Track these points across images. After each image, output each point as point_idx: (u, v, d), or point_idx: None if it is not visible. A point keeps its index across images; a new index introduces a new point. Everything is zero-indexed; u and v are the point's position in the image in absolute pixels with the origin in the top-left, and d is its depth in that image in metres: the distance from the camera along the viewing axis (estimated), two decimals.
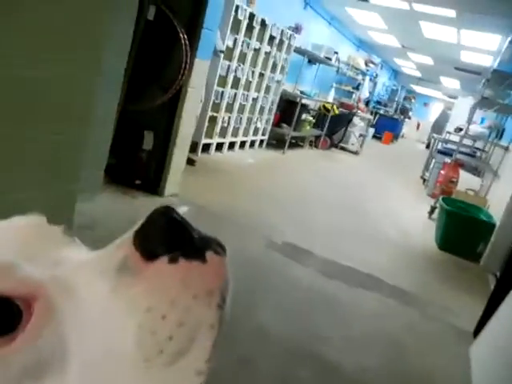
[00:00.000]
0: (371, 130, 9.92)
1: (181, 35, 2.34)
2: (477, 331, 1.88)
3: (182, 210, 2.50)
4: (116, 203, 2.35)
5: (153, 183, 2.62)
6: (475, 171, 5.05)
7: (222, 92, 3.96)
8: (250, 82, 4.44)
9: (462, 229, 3.13)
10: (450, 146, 5.38)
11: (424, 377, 1.57)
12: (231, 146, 4.53)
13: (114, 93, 2.06)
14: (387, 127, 10.82)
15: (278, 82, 5.08)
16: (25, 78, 1.16)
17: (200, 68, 2.54)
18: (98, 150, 2.07)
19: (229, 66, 3.92)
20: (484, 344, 1.73)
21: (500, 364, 1.52)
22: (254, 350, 1.42)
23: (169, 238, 0.21)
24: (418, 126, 15.10)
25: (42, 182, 1.28)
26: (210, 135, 4.03)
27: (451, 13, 5.03)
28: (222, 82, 3.92)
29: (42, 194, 1.26)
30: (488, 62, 6.91)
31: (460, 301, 2.34)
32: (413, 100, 14.89)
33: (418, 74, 12.51)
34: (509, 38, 4.96)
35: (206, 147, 4.06)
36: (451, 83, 11.52)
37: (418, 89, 14.79)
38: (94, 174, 2.12)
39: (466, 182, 4.31)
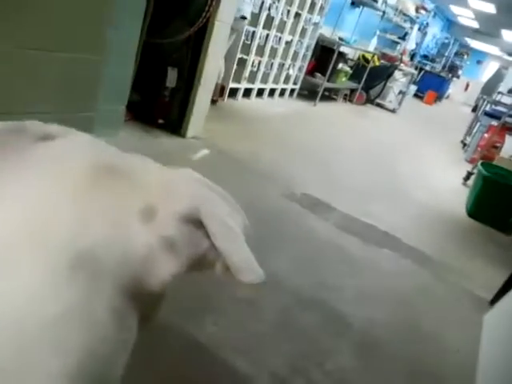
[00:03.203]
0: (413, 88, 9.21)
1: None
2: (494, 300, 1.80)
3: (203, 152, 2.46)
4: (138, 142, 2.33)
5: (175, 124, 2.57)
6: None
7: (253, 32, 3.70)
8: (285, 22, 4.11)
9: (497, 197, 2.92)
10: (499, 108, 4.89)
11: (432, 337, 1.55)
12: (260, 93, 4.34)
13: (136, 23, 1.94)
14: (431, 86, 9.98)
15: (316, 24, 4.68)
16: None
17: None
18: (119, 84, 2.01)
19: (262, 2, 3.61)
20: (499, 313, 1.67)
21: (511, 334, 1.47)
22: (262, 293, 1.43)
23: None
24: (467, 86, 13.82)
25: (56, 103, 1.25)
26: (237, 79, 3.85)
27: None
28: (254, 20, 3.64)
29: (55, 116, 1.24)
30: None
31: (481, 269, 2.24)
32: (465, 56, 13.49)
33: (475, 24, 11.14)
34: None
35: (233, 92, 3.90)
36: None
37: (472, 43, 13.30)
38: (116, 108, 2.09)
39: None
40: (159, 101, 2.56)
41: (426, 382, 1.31)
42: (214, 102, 3.49)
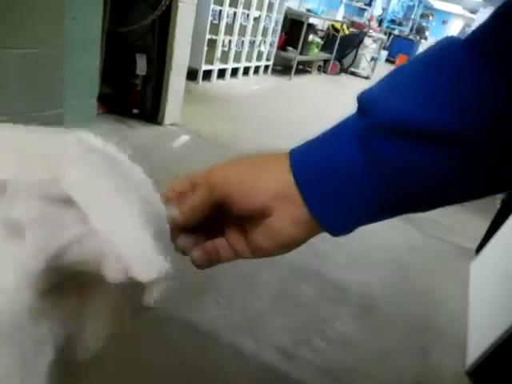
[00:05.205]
0: (384, 53, 9.21)
1: None
2: (479, 249, 1.89)
3: (183, 139, 2.42)
4: (114, 134, 2.27)
5: (151, 112, 2.50)
6: None
7: (220, 11, 3.59)
8: None
9: None
10: None
11: (425, 291, 1.63)
12: (234, 72, 4.26)
13: (95, 12, 1.84)
14: (402, 49, 10.02)
15: None
16: None
17: None
18: (87, 77, 1.93)
19: None
20: (484, 260, 1.76)
21: (496, 277, 1.56)
22: (257, 267, 1.45)
23: None
24: None
25: (20, 103, 1.20)
26: (210, 61, 3.75)
27: None
28: None
29: (22, 117, 1.18)
30: None
31: (465, 221, 2.34)
32: (431, 17, 13.56)
33: None
34: None
35: (207, 74, 3.81)
36: None
37: (436, 4, 13.34)
38: (86, 102, 2.01)
39: None
40: (132, 90, 2.48)
41: (424, 335, 1.38)
42: None
